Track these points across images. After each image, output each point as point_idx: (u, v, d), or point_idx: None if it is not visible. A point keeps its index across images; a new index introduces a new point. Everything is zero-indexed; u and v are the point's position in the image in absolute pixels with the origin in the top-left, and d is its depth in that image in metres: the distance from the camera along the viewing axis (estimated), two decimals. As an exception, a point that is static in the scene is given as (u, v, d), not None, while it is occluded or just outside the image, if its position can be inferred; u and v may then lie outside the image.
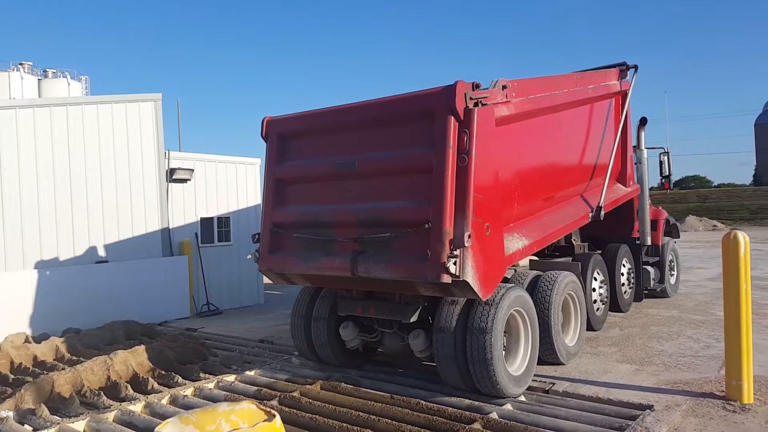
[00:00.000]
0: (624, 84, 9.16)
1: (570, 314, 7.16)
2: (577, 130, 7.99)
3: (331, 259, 5.83)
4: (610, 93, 8.83)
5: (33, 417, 5.43)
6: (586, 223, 9.45)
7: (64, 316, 9.44)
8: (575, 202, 7.71)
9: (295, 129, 6.53)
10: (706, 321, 8.97)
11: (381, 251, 5.53)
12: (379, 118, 5.78)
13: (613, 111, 9.02)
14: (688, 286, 12.70)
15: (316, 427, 4.97)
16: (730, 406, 5.21)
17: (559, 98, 7.08)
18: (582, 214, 7.66)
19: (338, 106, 6.34)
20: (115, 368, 6.60)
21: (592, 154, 8.30)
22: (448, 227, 5.03)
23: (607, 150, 8.58)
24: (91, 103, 10.58)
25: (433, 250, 5.04)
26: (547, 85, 6.85)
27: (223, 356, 7.67)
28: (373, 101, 6.03)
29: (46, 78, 35.92)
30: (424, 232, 5.14)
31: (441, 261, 4.96)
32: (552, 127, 7.11)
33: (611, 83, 8.86)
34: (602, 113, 8.68)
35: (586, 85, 7.98)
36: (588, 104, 8.16)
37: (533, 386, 5.92)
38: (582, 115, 8.10)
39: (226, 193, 12.44)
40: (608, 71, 8.88)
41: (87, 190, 10.29)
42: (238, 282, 12.50)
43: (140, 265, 10.67)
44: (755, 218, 42.59)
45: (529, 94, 6.34)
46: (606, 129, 8.74)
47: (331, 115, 6.21)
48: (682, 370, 6.41)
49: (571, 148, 7.83)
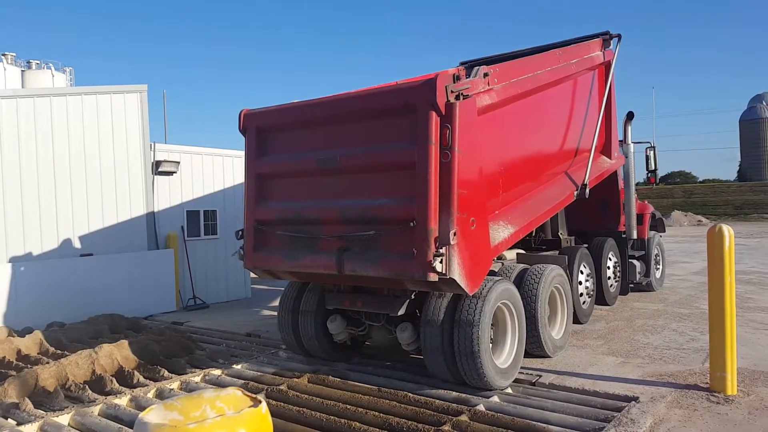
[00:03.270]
0: (607, 54, 9.00)
1: (557, 307, 7.19)
2: (561, 108, 7.87)
3: (317, 257, 5.74)
4: (594, 65, 8.67)
5: (17, 411, 5.37)
6: (573, 217, 9.51)
7: (48, 309, 9.33)
8: (560, 181, 7.60)
9: (273, 123, 6.32)
10: (691, 314, 9.07)
11: (367, 249, 5.44)
12: (360, 112, 5.62)
13: (597, 83, 8.88)
14: (673, 279, 12.83)
15: (304, 420, 4.95)
16: (714, 398, 5.27)
17: (542, 78, 6.95)
18: (567, 193, 7.57)
19: (317, 99, 6.20)
20: (100, 362, 6.53)
21: (576, 130, 8.18)
22: (433, 225, 4.94)
23: (591, 124, 8.46)
24: (76, 94, 10.43)
25: (418, 249, 4.97)
26: (530, 66, 6.71)
27: (209, 350, 7.63)
28: (352, 94, 5.92)
29: (30, 69, 35.42)
30: (409, 230, 5.05)
31: (427, 260, 4.90)
32: (536, 107, 6.99)
33: (594, 54, 8.69)
34: (586, 86, 8.54)
35: (569, 60, 7.80)
36: (572, 79, 8.01)
37: (520, 378, 5.95)
38: (565, 91, 7.95)
39: (213, 187, 12.34)
40: (591, 42, 8.69)
41: (71, 183, 10.16)
42: (224, 275, 12.43)
43: (126, 258, 10.57)
44: (739, 213, 43.15)
45: (512, 78, 6.22)
46: (590, 102, 8.61)
47: (311, 108, 6.03)
48: (667, 362, 6.47)
49: (556, 126, 7.72)
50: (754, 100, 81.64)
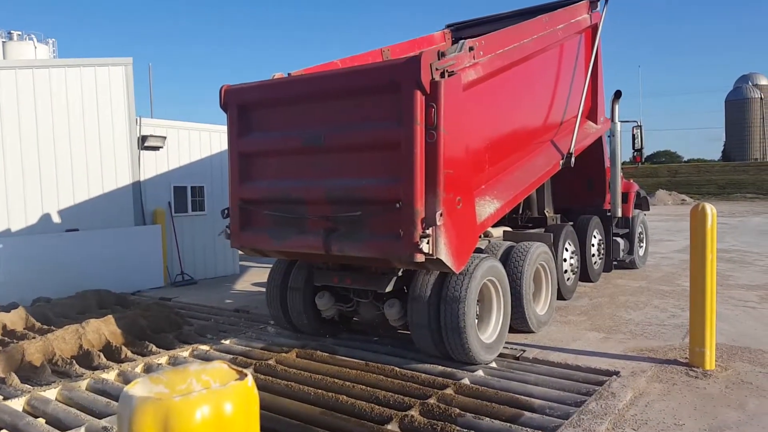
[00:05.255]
0: (594, 16, 8.82)
1: (541, 284, 7.30)
2: (547, 75, 7.73)
3: (304, 237, 5.67)
4: (581, 29, 8.52)
5: (3, 386, 5.37)
6: (560, 195, 9.55)
7: (34, 285, 9.28)
8: (546, 150, 7.49)
9: (255, 99, 6.12)
10: (673, 291, 9.23)
11: (353, 229, 5.37)
12: (343, 90, 5.46)
13: (584, 46, 8.69)
14: (655, 257, 13.03)
15: (292, 394, 5.02)
16: (693, 372, 5.40)
17: (529, 47, 6.82)
18: (553, 163, 7.48)
19: (300, 75, 6.06)
20: (87, 337, 6.54)
21: (562, 97, 8.05)
22: (419, 206, 4.89)
23: (577, 89, 8.33)
24: (59, 66, 10.22)
25: (405, 230, 4.93)
26: (516, 35, 6.57)
27: (198, 325, 7.65)
28: (336, 71, 5.79)
29: (11, 40, 34.56)
30: (395, 211, 4.99)
31: (413, 241, 4.87)
32: (522, 77, 6.88)
33: (582, 18, 8.51)
34: (572, 51, 8.38)
35: (556, 26, 7.64)
36: (558, 45, 7.87)
37: (504, 353, 6.06)
38: (552, 58, 7.80)
39: (200, 162, 12.24)
40: (578, 5, 8.49)
41: (56, 158, 10.02)
42: (212, 251, 12.41)
43: (112, 234, 10.51)
44: (723, 193, 43.69)
45: (498, 49, 6.09)
46: (576, 67, 8.44)
47: (293, 84, 5.88)
48: (648, 338, 6.61)
49: (542, 95, 7.60)
50: (740, 80, 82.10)
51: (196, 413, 1.74)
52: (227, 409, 1.80)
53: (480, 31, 9.31)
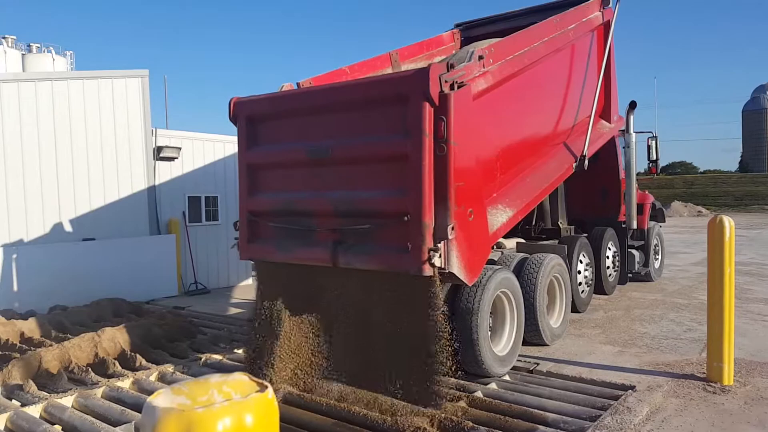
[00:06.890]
0: (607, 13, 8.62)
1: (555, 296, 7.24)
2: (558, 77, 7.57)
3: (311, 249, 5.58)
4: (592, 27, 8.32)
5: (20, 392, 5.43)
6: (573, 207, 9.45)
7: (50, 293, 9.39)
8: (559, 153, 7.32)
9: (264, 111, 6.05)
10: (689, 305, 9.12)
11: (361, 242, 5.27)
12: (351, 102, 5.38)
13: (596, 44, 8.48)
14: (671, 270, 12.89)
15: (304, 405, 5.01)
16: (711, 388, 5.32)
17: (540, 50, 6.68)
18: (566, 166, 7.33)
19: (308, 87, 6.00)
20: (102, 345, 6.59)
21: (575, 98, 7.86)
22: (428, 220, 4.78)
23: (590, 89, 8.12)
24: (77, 79, 10.41)
25: (413, 243, 4.81)
26: (526, 39, 6.46)
27: (211, 335, 7.69)
28: (344, 83, 5.72)
29: (30, 53, 35.21)
30: (403, 224, 4.87)
31: (422, 254, 4.75)
32: (533, 81, 6.75)
33: (593, 16, 8.31)
34: (584, 50, 8.17)
35: (567, 27, 7.46)
36: (570, 45, 7.70)
37: (518, 366, 6.01)
38: (563, 59, 7.63)
39: (214, 172, 12.35)
40: (590, 3, 8.27)
41: (73, 168, 10.17)
42: (225, 261, 12.48)
43: (127, 243, 10.62)
44: (740, 204, 43.20)
45: (508, 55, 6.00)
46: (588, 66, 8.24)
47: (301, 97, 5.83)
48: (664, 352, 6.53)
49: (554, 97, 7.45)
50: (757, 90, 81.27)
51: (218, 425, 1.76)
52: (248, 421, 1.82)
53: (489, 30, 9.19)
